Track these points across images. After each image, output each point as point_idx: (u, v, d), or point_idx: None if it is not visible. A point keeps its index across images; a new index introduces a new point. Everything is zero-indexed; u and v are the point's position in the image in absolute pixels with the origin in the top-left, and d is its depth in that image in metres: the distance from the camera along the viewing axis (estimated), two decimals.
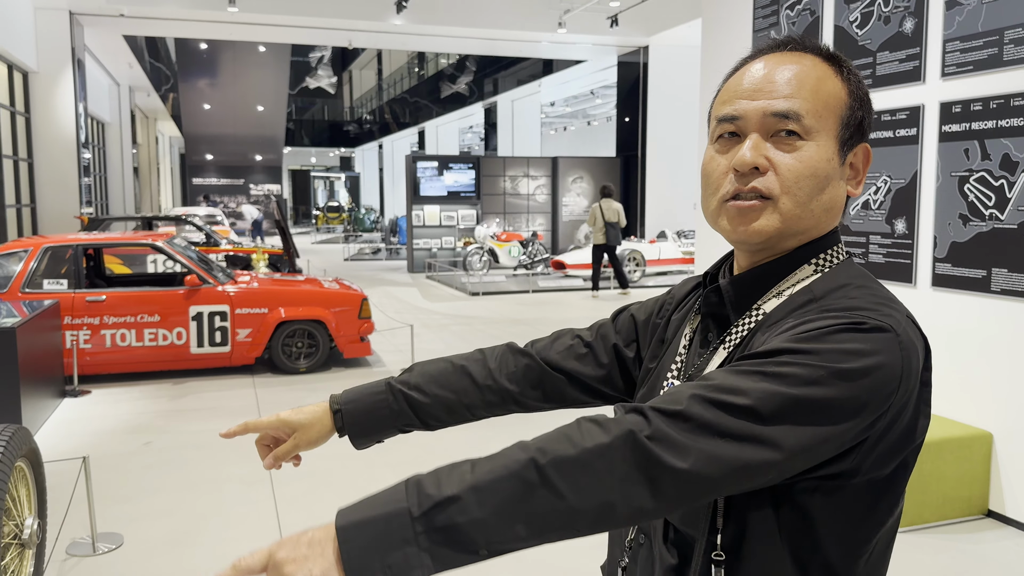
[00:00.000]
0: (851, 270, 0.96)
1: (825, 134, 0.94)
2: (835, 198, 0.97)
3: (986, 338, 3.92)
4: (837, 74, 0.97)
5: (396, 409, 1.18)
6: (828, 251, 0.98)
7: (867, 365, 0.81)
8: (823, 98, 0.94)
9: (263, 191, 29.98)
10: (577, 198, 16.91)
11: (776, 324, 0.91)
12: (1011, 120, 3.71)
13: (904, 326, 0.87)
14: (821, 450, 0.82)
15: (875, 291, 0.92)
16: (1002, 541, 3.71)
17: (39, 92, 12.59)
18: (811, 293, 0.93)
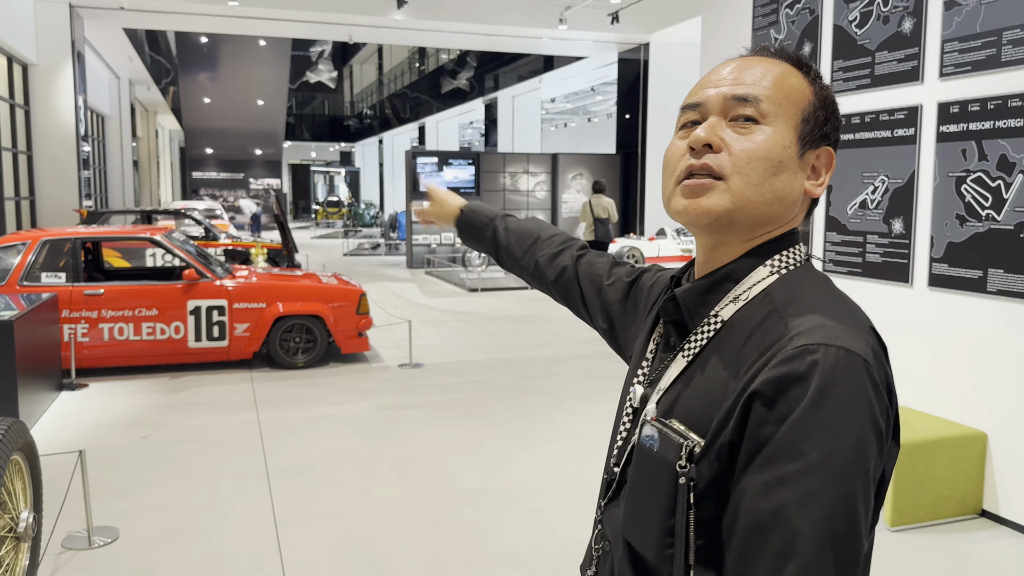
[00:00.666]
0: (810, 276, 0.95)
1: (783, 121, 0.94)
2: (789, 188, 0.95)
3: (982, 338, 3.92)
4: (804, 76, 0.98)
5: (488, 236, 1.54)
6: (785, 252, 0.96)
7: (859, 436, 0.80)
8: (784, 89, 0.95)
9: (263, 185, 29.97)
10: (577, 195, 16.91)
11: (741, 346, 0.89)
12: (1008, 121, 3.71)
13: (870, 342, 0.85)
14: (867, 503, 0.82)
15: (839, 304, 0.90)
16: (996, 541, 3.72)
17: (39, 85, 12.58)
18: (771, 303, 0.90)
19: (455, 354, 7.79)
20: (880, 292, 4.48)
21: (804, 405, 0.79)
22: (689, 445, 0.87)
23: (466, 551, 3.61)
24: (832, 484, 0.78)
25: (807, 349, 0.81)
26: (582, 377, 6.89)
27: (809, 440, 0.79)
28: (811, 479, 0.78)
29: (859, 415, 0.80)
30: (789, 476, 0.79)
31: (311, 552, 3.59)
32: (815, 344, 0.81)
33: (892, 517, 3.80)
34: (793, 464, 0.79)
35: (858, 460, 0.79)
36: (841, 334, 0.83)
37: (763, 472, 0.81)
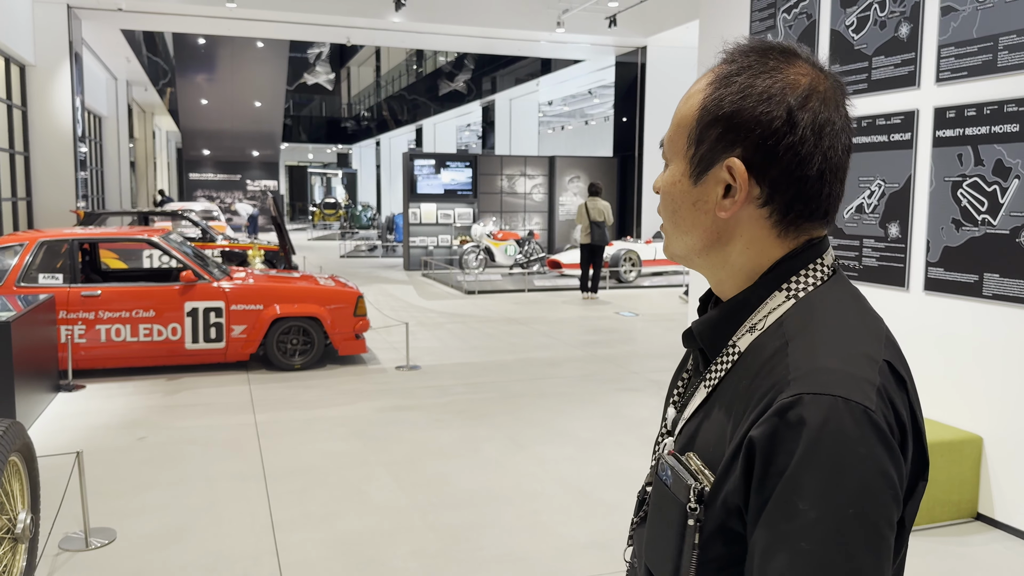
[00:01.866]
0: (828, 297, 0.89)
1: (677, 156, 0.94)
2: (693, 220, 0.93)
3: (977, 342, 3.94)
4: (710, 85, 0.92)
5: None
6: (803, 272, 0.90)
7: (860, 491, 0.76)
8: (678, 120, 0.95)
9: (260, 187, 29.95)
10: (574, 197, 16.92)
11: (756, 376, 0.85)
12: (1004, 126, 3.73)
13: (876, 382, 0.80)
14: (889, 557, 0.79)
15: (851, 334, 0.85)
16: (991, 544, 3.74)
17: (36, 85, 12.57)
18: (783, 334, 0.86)
19: (452, 356, 7.80)
20: (876, 296, 4.50)
21: (796, 461, 0.76)
22: (698, 487, 0.85)
23: (463, 553, 3.61)
24: (831, 544, 0.75)
25: (800, 399, 0.78)
26: (579, 380, 6.90)
27: (804, 499, 0.76)
28: (808, 540, 0.75)
29: (858, 468, 0.75)
30: (787, 536, 0.76)
31: (308, 554, 3.59)
32: (809, 394, 0.78)
33: None
34: (790, 524, 0.76)
35: (859, 515, 0.75)
36: (841, 379, 0.79)
37: (765, 530, 0.79)
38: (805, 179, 0.88)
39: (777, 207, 0.89)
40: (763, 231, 0.90)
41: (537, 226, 16.96)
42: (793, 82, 0.88)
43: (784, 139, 0.86)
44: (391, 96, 35.28)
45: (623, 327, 9.52)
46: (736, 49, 0.92)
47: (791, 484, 0.76)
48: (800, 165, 0.87)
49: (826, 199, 0.90)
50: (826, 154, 0.88)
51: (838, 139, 0.90)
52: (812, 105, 0.88)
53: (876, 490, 0.76)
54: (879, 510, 0.76)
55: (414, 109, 31.04)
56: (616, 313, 10.58)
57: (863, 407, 0.77)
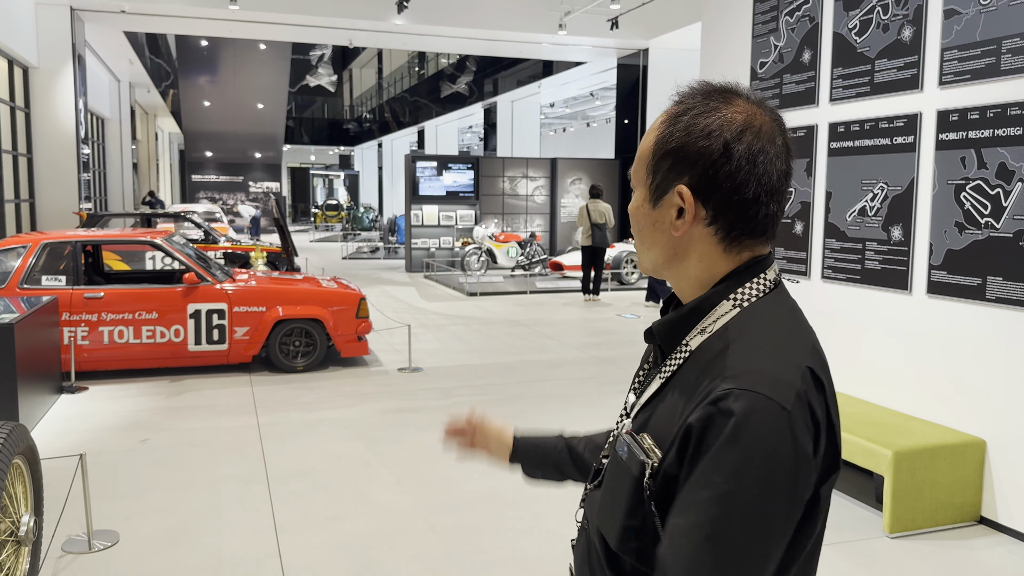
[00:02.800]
0: (769, 308, 1.03)
1: (639, 184, 1.10)
2: (653, 239, 1.08)
3: (980, 346, 3.94)
4: (663, 122, 1.07)
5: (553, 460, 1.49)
6: (749, 284, 1.04)
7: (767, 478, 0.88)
8: (639, 153, 1.10)
9: (262, 189, 29.97)
10: (576, 199, 16.93)
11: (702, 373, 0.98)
12: (1008, 129, 3.73)
13: (796, 386, 0.93)
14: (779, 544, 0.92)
15: (777, 341, 0.98)
16: (994, 548, 3.73)
17: (39, 87, 12.59)
18: (725, 338, 1.00)
19: (454, 358, 7.80)
20: (879, 299, 4.50)
21: (720, 442, 0.90)
22: (649, 463, 0.99)
23: (465, 556, 3.61)
24: (732, 513, 0.88)
25: (731, 393, 0.91)
26: (581, 382, 6.90)
27: (720, 473, 0.89)
28: (715, 508, 0.89)
29: (769, 459, 0.88)
30: (699, 501, 0.90)
31: (311, 556, 3.59)
32: (739, 389, 0.91)
33: (890, 523, 3.81)
34: (705, 492, 0.90)
35: (762, 498, 0.88)
36: (767, 379, 0.92)
37: (685, 494, 0.93)
38: (743, 202, 1.02)
39: (721, 226, 1.03)
40: (711, 247, 1.05)
41: (539, 228, 16.96)
42: (730, 120, 1.02)
43: (722, 168, 1.01)
44: (393, 98, 35.30)
45: (625, 329, 9.52)
46: (685, 92, 1.08)
47: (712, 461, 0.90)
48: (737, 190, 1.01)
49: (763, 219, 1.04)
50: (760, 179, 1.02)
51: (772, 166, 1.03)
52: (746, 138, 1.02)
53: (780, 479, 0.89)
54: (779, 495, 0.89)
55: (416, 111, 31.06)
56: (618, 315, 10.58)
57: (781, 406, 0.90)
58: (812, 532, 0.98)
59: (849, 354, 4.73)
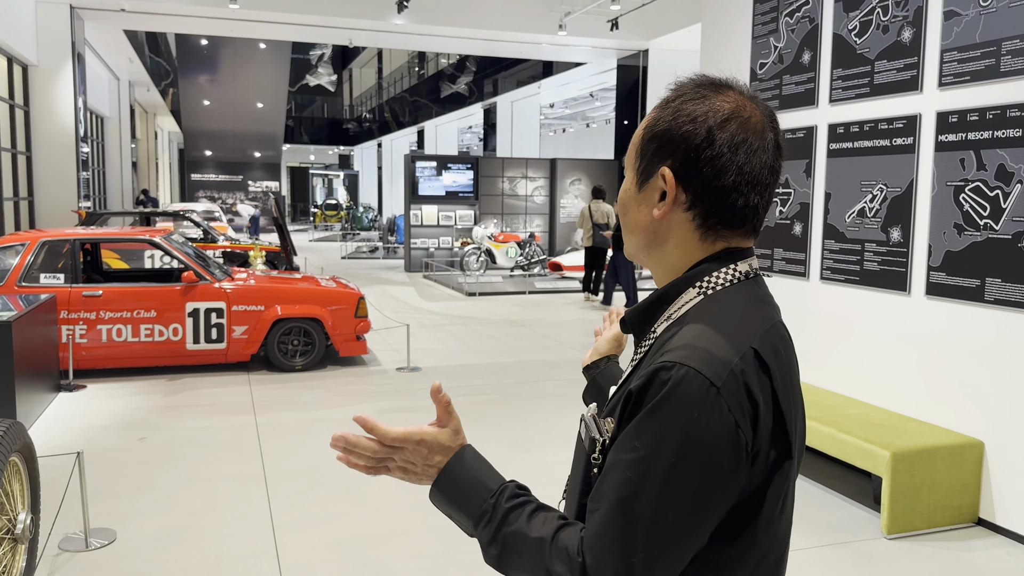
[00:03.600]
0: (731, 295, 1.03)
1: (629, 168, 1.13)
2: (636, 220, 1.10)
3: (979, 347, 3.94)
4: (656, 108, 1.09)
5: None
6: (713, 274, 1.05)
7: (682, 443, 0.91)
8: (633, 138, 1.12)
9: (262, 188, 29.96)
10: (575, 200, 16.92)
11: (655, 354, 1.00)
12: (1007, 131, 3.73)
13: (732, 364, 0.94)
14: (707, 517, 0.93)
15: (728, 322, 0.99)
16: (992, 549, 3.73)
17: (39, 86, 12.58)
18: (682, 322, 1.02)
19: (453, 358, 7.80)
20: (877, 300, 4.50)
21: (646, 409, 0.93)
22: (600, 440, 1.03)
23: (464, 555, 3.61)
24: (647, 480, 0.91)
25: (665, 365, 0.94)
26: (580, 382, 6.89)
27: (641, 438, 0.93)
28: (631, 471, 0.92)
29: (689, 430, 0.90)
30: (619, 462, 0.94)
31: (308, 555, 3.58)
32: (672, 362, 0.94)
33: (889, 525, 3.81)
34: (627, 455, 0.94)
35: (679, 466, 0.90)
36: (702, 356, 0.93)
37: (611, 455, 0.97)
38: (721, 189, 1.02)
39: (699, 212, 1.04)
40: (688, 233, 1.06)
41: (538, 228, 16.96)
42: (717, 108, 1.04)
43: (703, 153, 1.02)
44: (393, 98, 35.29)
45: None
46: (680, 81, 1.10)
47: (636, 425, 0.93)
48: (717, 176, 1.02)
49: (742, 209, 1.04)
50: (741, 168, 1.02)
51: (756, 157, 1.03)
52: (730, 127, 1.03)
53: (697, 452, 0.91)
54: (694, 469, 0.91)
55: (416, 111, 31.06)
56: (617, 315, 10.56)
57: (710, 382, 0.92)
58: (758, 522, 0.98)
59: (847, 355, 4.73)
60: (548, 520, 1.01)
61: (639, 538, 0.90)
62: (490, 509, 1.05)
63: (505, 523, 1.02)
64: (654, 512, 0.90)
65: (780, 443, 0.98)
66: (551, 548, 0.97)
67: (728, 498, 0.93)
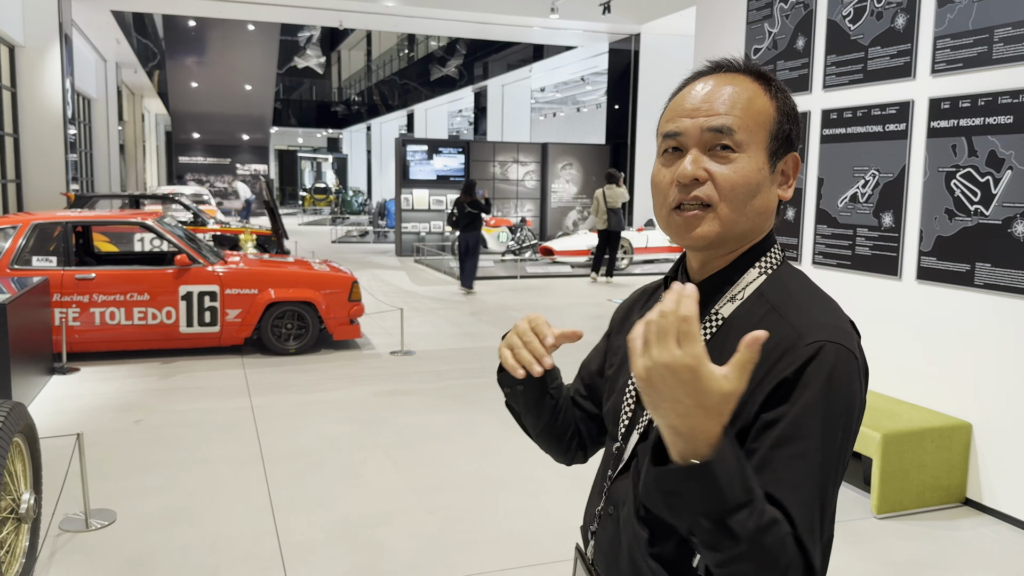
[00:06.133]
0: (792, 274, 1.10)
1: (755, 146, 1.06)
2: (767, 203, 1.09)
3: (968, 331, 4.00)
4: (766, 92, 1.09)
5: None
6: (768, 253, 1.11)
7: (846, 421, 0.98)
8: (753, 115, 1.06)
9: (250, 171, 29.78)
10: (566, 184, 16.94)
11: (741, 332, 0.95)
12: (998, 118, 3.78)
13: (855, 337, 1.02)
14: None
15: (824, 300, 1.06)
16: (979, 528, 3.81)
17: (25, 67, 12.45)
18: (767, 302, 1.05)
19: (446, 342, 7.83)
20: (869, 285, 4.56)
21: (818, 393, 0.95)
22: None
23: (461, 535, 3.66)
24: (826, 440, 0.95)
25: (819, 346, 0.97)
26: (573, 365, 6.92)
27: (821, 424, 0.95)
28: (819, 456, 0.94)
29: (852, 403, 0.97)
30: (806, 451, 0.94)
31: (308, 535, 3.63)
32: (823, 341, 0.97)
33: (878, 505, 3.88)
34: (808, 442, 0.95)
35: (846, 427, 0.97)
36: (838, 332, 0.99)
37: (784, 448, 0.95)
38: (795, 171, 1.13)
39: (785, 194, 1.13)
40: (774, 216, 1.12)
41: (529, 213, 16.97)
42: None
43: (801, 139, 1.15)
44: (382, 81, 35.08)
45: None
46: (753, 67, 1.11)
47: (813, 412, 0.95)
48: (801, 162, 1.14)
49: None
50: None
51: None
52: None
53: (853, 420, 0.99)
54: (851, 434, 0.99)
55: (405, 94, 30.89)
56: (608, 300, 10.63)
57: (854, 355, 0.99)
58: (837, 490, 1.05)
59: None
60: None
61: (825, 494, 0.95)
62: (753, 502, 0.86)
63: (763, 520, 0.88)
64: (833, 475, 0.96)
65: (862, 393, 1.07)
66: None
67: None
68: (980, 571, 3.42)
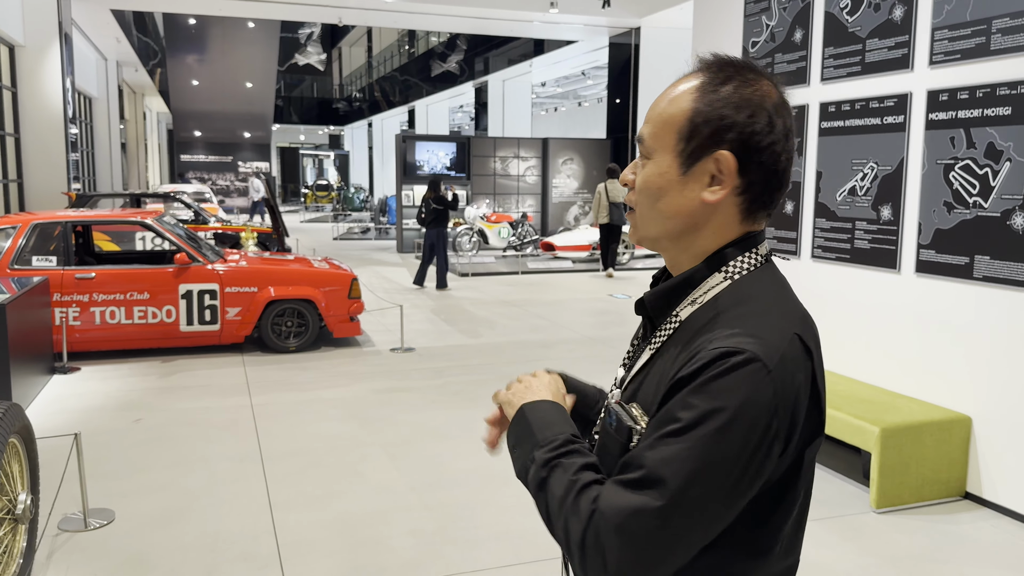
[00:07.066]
0: (760, 280, 1.06)
1: (661, 151, 1.08)
2: (677, 206, 1.07)
3: (967, 324, 3.98)
4: (699, 89, 1.06)
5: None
6: (739, 259, 1.07)
7: (730, 418, 0.92)
8: (665, 119, 1.08)
9: (251, 169, 29.78)
10: (567, 180, 16.91)
11: (689, 341, 1.02)
12: (996, 109, 3.76)
13: (782, 349, 0.96)
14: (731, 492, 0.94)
15: (768, 309, 1.01)
16: (978, 522, 3.80)
17: (26, 66, 12.45)
18: (716, 308, 1.03)
19: (446, 339, 7.83)
20: (868, 278, 4.54)
21: (695, 384, 0.94)
22: (637, 430, 1.03)
23: (459, 532, 3.65)
24: (695, 447, 0.92)
25: (722, 351, 0.95)
26: (573, 362, 6.93)
27: (686, 411, 0.94)
28: (677, 443, 0.93)
29: (738, 408, 0.92)
30: (662, 434, 0.95)
31: (306, 533, 3.63)
32: (727, 347, 0.95)
33: (877, 499, 3.87)
34: (670, 426, 0.95)
35: (720, 439, 0.91)
36: (755, 341, 0.95)
37: (651, 427, 0.98)
38: (774, 174, 1.05)
39: (749, 196, 1.06)
40: (730, 219, 1.07)
41: (530, 208, 16.95)
42: (768, 93, 1.06)
43: (766, 138, 1.04)
44: (383, 77, 35.05)
45: (616, 309, 9.56)
46: (715, 61, 1.09)
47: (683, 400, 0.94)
48: (774, 161, 1.05)
49: (780, 194, 1.08)
50: (789, 154, 1.06)
51: (793, 143, 1.08)
52: (783, 113, 1.06)
53: (744, 432, 0.92)
54: (738, 447, 0.92)
55: (406, 90, 30.87)
56: (609, 295, 10.62)
57: (766, 367, 0.94)
58: (795, 496, 1.02)
59: (838, 333, 4.78)
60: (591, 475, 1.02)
61: (673, 509, 0.92)
62: (563, 442, 1.07)
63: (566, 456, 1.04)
64: (688, 483, 0.91)
65: (814, 421, 1.01)
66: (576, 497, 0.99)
67: (758, 480, 0.95)
68: (980, 565, 3.41)
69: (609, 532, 0.93)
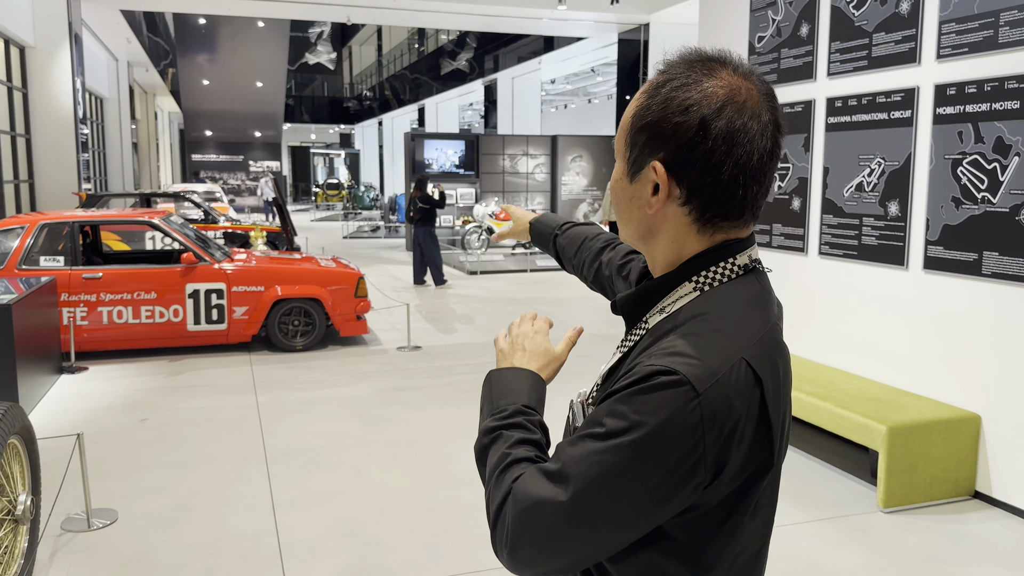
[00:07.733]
0: (726, 294, 0.99)
1: (619, 157, 1.05)
2: (630, 214, 1.05)
3: (976, 321, 3.93)
4: (648, 88, 1.01)
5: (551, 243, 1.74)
6: (711, 269, 1.00)
7: (646, 434, 0.88)
8: (622, 123, 1.05)
9: (262, 168, 29.89)
10: (576, 177, 16.86)
11: (648, 348, 0.98)
12: (1005, 103, 3.70)
13: (720, 374, 0.90)
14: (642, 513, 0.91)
15: (721, 328, 0.94)
16: (988, 522, 3.75)
17: (36, 67, 12.52)
18: (675, 321, 0.98)
19: (454, 337, 7.81)
20: (875, 275, 4.49)
21: (622, 394, 0.91)
22: None
23: (462, 532, 3.64)
24: (607, 454, 0.89)
25: (653, 369, 0.90)
26: (579, 360, 6.88)
27: (610, 417, 0.91)
28: (589, 445, 0.91)
29: (655, 427, 0.87)
30: (580, 436, 0.94)
31: (309, 533, 3.62)
32: (658, 366, 0.90)
33: (885, 499, 3.83)
34: (593, 428, 0.92)
35: (633, 453, 0.88)
36: (685, 363, 0.89)
37: (581, 428, 0.96)
38: (718, 183, 0.96)
39: (695, 207, 0.98)
40: (684, 228, 1.00)
41: (539, 206, 16.91)
42: (710, 94, 0.96)
43: (697, 147, 0.95)
44: (393, 75, 35.07)
45: None
46: (671, 60, 1.02)
47: (608, 407, 0.92)
48: (712, 170, 0.95)
49: (740, 201, 0.98)
50: (738, 160, 0.95)
51: (753, 145, 0.96)
52: (726, 114, 0.95)
53: (660, 451, 0.88)
54: (649, 464, 0.88)
55: (416, 88, 30.86)
56: None
57: (695, 390, 0.88)
58: (738, 525, 0.97)
59: (845, 330, 4.73)
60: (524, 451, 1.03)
61: (575, 508, 0.91)
62: (511, 413, 1.09)
63: (508, 428, 1.06)
64: (591, 487, 0.90)
65: (762, 453, 0.95)
66: (502, 471, 1.00)
67: (672, 500, 0.90)
68: (989, 565, 3.36)
69: (515, 514, 0.94)
